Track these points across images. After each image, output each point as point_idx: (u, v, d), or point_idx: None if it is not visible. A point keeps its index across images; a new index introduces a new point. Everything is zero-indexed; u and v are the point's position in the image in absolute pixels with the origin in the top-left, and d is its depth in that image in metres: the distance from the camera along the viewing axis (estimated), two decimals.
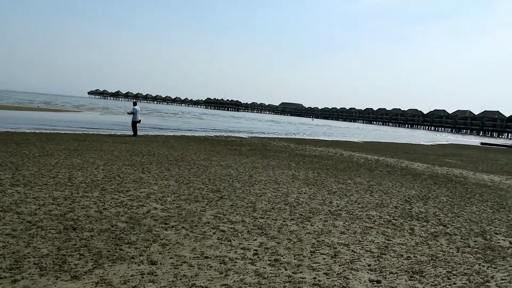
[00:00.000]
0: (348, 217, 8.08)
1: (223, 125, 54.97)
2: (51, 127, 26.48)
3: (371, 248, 6.22)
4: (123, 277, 4.42)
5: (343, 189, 11.16)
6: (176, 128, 37.38)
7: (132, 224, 6.33)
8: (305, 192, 10.21)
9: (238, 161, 15.37)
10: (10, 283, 4.07)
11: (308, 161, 17.40)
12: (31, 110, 50.76)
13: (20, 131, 20.89)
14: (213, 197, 8.69)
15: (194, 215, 7.13)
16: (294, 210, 8.23)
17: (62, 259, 4.75)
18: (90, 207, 7.06)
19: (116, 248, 5.25)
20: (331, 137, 46.13)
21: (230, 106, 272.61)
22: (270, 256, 5.46)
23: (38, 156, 12.27)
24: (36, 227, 5.80)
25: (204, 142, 22.84)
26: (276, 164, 15.33)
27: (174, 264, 4.91)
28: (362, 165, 17.69)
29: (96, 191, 8.34)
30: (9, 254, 4.77)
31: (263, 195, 9.43)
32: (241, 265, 5.05)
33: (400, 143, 45.11)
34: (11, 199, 7.13)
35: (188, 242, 5.74)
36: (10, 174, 9.23)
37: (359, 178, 13.56)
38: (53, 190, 8.06)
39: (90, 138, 19.96)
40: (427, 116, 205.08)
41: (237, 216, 7.37)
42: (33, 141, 16.24)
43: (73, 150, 14.38)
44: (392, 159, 22.16)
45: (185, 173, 11.45)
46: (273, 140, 30.55)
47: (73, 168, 10.69)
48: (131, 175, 10.47)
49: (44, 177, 9.27)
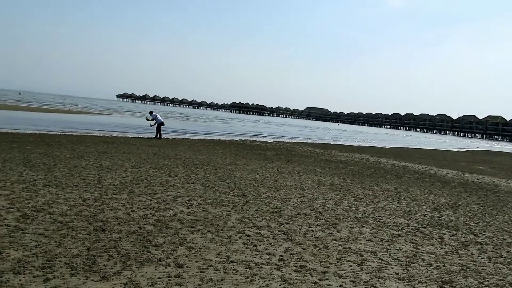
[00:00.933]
0: (375, 224, 7.96)
1: (248, 129, 55.14)
2: (81, 129, 27.17)
3: (399, 256, 6.11)
4: (151, 279, 4.49)
5: (369, 196, 11.00)
6: (202, 132, 37.72)
7: (159, 226, 6.42)
8: (331, 198, 10.12)
9: (263, 165, 15.38)
10: (43, 281, 4.19)
11: (333, 167, 17.26)
12: (62, 112, 52.22)
13: (52, 133, 21.51)
14: (238, 202, 8.72)
15: (220, 219, 7.17)
16: (320, 216, 8.17)
17: (92, 260, 4.85)
18: (119, 209, 7.20)
19: (144, 250, 5.33)
20: (357, 142, 45.60)
21: (255, 110, 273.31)
22: (295, 262, 5.43)
23: (69, 158, 12.60)
24: (67, 227, 5.96)
25: (230, 146, 22.97)
26: (301, 169, 15.26)
27: (200, 267, 4.95)
28: (389, 171, 17.42)
29: (125, 193, 8.50)
30: (42, 253, 4.91)
31: (289, 200, 9.40)
32: (266, 271, 5.04)
33: (428, 149, 44.19)
34: (44, 200, 7.34)
35: (214, 246, 5.78)
36: (42, 175, 9.51)
37: (386, 185, 13.35)
38: (83, 192, 8.26)
39: (118, 140, 20.37)
40: (456, 121, 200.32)
41: (263, 221, 7.37)
42: (64, 143, 16.70)
43: (102, 152, 14.71)
44: (420, 166, 21.72)
45: (211, 177, 11.53)
46: (298, 145, 30.43)
47: (102, 170, 10.93)
48: (158, 178, 10.62)
49: (74, 178, 9.52)
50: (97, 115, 53.80)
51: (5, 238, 5.27)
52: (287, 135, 46.69)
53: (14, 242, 5.18)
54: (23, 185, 8.35)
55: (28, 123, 28.29)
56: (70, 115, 48.25)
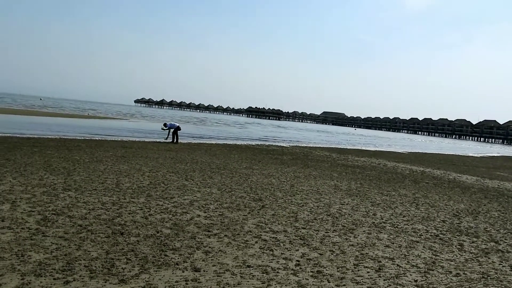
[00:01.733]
0: (393, 230, 7.87)
1: (264, 133, 55.16)
2: (100, 134, 27.58)
3: (417, 263, 6.02)
4: (168, 283, 4.52)
5: (387, 201, 10.89)
6: (218, 137, 37.89)
7: (176, 230, 6.47)
8: (347, 203, 10.05)
9: (279, 170, 15.36)
10: (63, 284, 4.26)
11: (350, 172, 17.13)
12: (82, 117, 53.11)
13: (72, 138, 21.89)
14: (255, 206, 8.72)
15: (236, 224, 7.19)
16: (337, 221, 8.12)
17: (111, 263, 4.92)
18: (137, 213, 7.28)
19: (161, 254, 5.37)
20: (374, 147, 45.19)
21: (272, 114, 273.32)
22: (312, 268, 5.40)
23: (88, 162, 12.80)
24: (86, 230, 6.05)
25: (246, 151, 23.01)
26: (317, 174, 15.19)
27: (217, 272, 4.96)
28: (407, 177, 17.20)
29: (142, 197, 8.59)
30: (62, 256, 5.00)
31: (305, 205, 9.36)
32: (283, 276, 5.03)
33: (447, 154, 43.50)
34: (64, 203, 7.47)
35: (230, 250, 5.79)
36: (62, 179, 9.68)
37: (404, 190, 13.19)
38: (102, 195, 8.38)
39: (136, 145, 20.61)
40: (476, 126, 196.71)
41: (279, 225, 7.36)
42: (83, 148, 16.98)
43: (120, 157, 14.90)
44: (438, 171, 21.40)
45: (227, 181, 11.57)
46: (315, 149, 30.30)
47: (121, 174, 11.07)
48: (175, 182, 10.71)
49: (93, 182, 9.66)
50: (115, 120, 54.54)
51: (26, 241, 5.38)
52: (303, 140, 46.55)
53: (35, 244, 5.28)
54: (43, 188, 8.52)
55: (48, 128, 28.86)
56: (89, 120, 49.04)
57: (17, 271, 4.44)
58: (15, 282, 4.19)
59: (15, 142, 16.85)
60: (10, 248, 5.07)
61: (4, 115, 40.56)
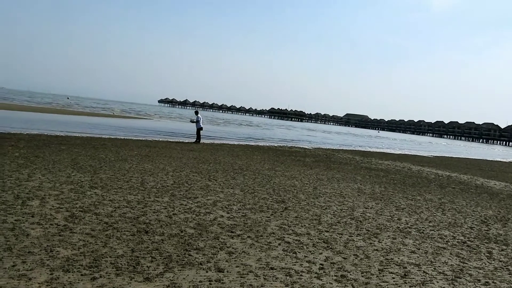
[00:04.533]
0: (419, 235, 7.71)
1: (286, 135, 55.04)
2: (125, 133, 28.03)
3: (444, 270, 5.89)
4: (192, 282, 4.55)
5: (412, 206, 10.69)
6: (241, 137, 38.00)
7: (200, 230, 6.50)
8: (371, 207, 9.92)
9: (302, 172, 15.29)
10: (90, 280, 4.34)
11: (374, 175, 16.90)
12: (107, 116, 54.11)
13: (98, 137, 22.32)
14: (277, 208, 8.70)
15: (259, 225, 7.18)
16: (361, 225, 8.01)
17: (136, 261, 4.98)
18: (161, 212, 7.36)
19: (185, 253, 5.41)
20: (398, 150, 44.49)
21: (294, 116, 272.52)
22: (336, 272, 5.35)
23: (113, 161, 13.02)
24: (112, 228, 6.15)
25: (268, 152, 22.99)
26: (341, 177, 15.05)
27: (241, 273, 4.96)
28: (432, 181, 16.86)
29: (166, 196, 8.68)
30: (89, 252, 5.09)
31: (328, 208, 9.28)
32: (306, 279, 5.00)
33: (474, 159, 42.44)
34: (90, 201, 7.62)
35: (253, 251, 5.79)
36: (89, 177, 9.88)
37: (429, 195, 12.93)
38: (127, 194, 8.51)
39: (160, 144, 20.86)
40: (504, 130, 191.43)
41: (302, 228, 7.31)
42: (109, 146, 17.28)
43: (145, 156, 15.11)
44: (465, 176, 20.90)
45: (250, 182, 11.58)
46: (337, 151, 30.04)
47: (145, 173, 11.22)
48: (198, 182, 10.78)
49: (119, 181, 9.82)
50: (140, 120, 55.37)
51: (55, 237, 5.50)
52: (326, 142, 46.23)
53: (63, 241, 5.40)
54: (71, 186, 8.70)
55: (75, 127, 29.51)
56: (115, 119, 49.91)
57: (46, 266, 4.55)
58: (44, 276, 4.29)
59: (44, 140, 17.29)
60: (39, 244, 5.20)
61: (33, 113, 41.70)
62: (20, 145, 14.73)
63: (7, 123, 25.70)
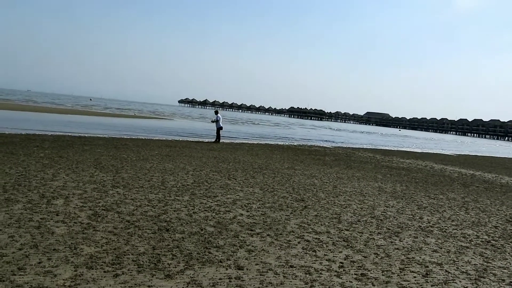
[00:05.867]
0: (441, 234, 7.59)
1: (306, 134, 54.82)
2: (146, 133, 28.41)
3: (467, 270, 5.78)
4: (212, 280, 4.59)
5: (434, 205, 10.52)
6: (260, 136, 38.04)
7: (220, 228, 6.55)
8: (392, 206, 9.81)
9: (322, 171, 15.22)
10: (112, 277, 4.42)
11: (395, 173, 16.70)
12: (129, 117, 54.93)
13: (119, 137, 22.69)
14: (297, 206, 8.69)
15: (279, 223, 7.19)
16: (381, 223, 7.94)
17: (157, 258, 5.06)
18: (181, 210, 7.44)
19: (205, 251, 5.46)
20: (420, 148, 43.81)
21: (314, 115, 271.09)
22: (356, 270, 5.31)
23: (135, 160, 13.23)
24: (134, 226, 6.25)
25: (288, 151, 22.96)
26: (361, 175, 14.92)
27: (260, 270, 4.99)
28: (455, 180, 16.55)
29: (186, 195, 8.77)
30: (111, 250, 5.19)
31: (348, 206, 9.22)
32: (326, 277, 4.98)
33: (499, 157, 41.46)
34: (112, 199, 7.76)
35: (273, 249, 5.80)
36: (111, 176, 10.06)
37: (452, 194, 12.70)
38: (148, 193, 8.63)
39: (180, 144, 21.07)
40: None
41: (322, 226, 7.29)
42: (131, 146, 17.55)
43: (165, 156, 15.29)
44: (490, 175, 20.44)
45: (270, 181, 11.59)
46: (358, 150, 29.78)
47: (166, 173, 11.35)
48: (218, 181, 10.86)
49: (140, 180, 9.97)
50: (160, 120, 56.00)
51: (79, 235, 5.63)
52: (346, 140, 45.85)
53: (86, 238, 5.52)
54: (94, 185, 8.88)
55: (98, 128, 30.05)
56: (136, 120, 50.63)
57: (70, 262, 4.66)
58: (68, 273, 4.40)
59: (68, 141, 17.67)
60: (64, 241, 5.33)
61: (57, 115, 42.66)
62: (45, 145, 15.10)
63: (32, 125, 26.37)
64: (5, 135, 17.78)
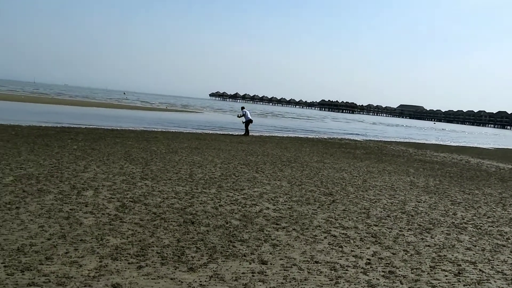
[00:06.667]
0: (475, 231, 7.28)
1: (337, 127, 54.11)
2: (176, 126, 28.75)
3: (503, 269, 5.50)
4: (235, 274, 4.55)
5: (469, 200, 10.12)
6: (290, 129, 37.82)
7: (245, 222, 6.51)
8: (424, 201, 9.49)
9: (352, 164, 14.94)
10: (136, 268, 4.45)
11: (428, 168, 16.20)
12: (160, 110, 55.80)
13: (150, 130, 23.05)
14: (325, 201, 8.54)
15: (305, 218, 7.08)
16: (412, 219, 7.68)
17: (181, 251, 5.06)
18: (207, 203, 7.45)
19: (230, 245, 5.43)
20: (456, 142, 42.44)
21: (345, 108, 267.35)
22: (384, 267, 5.15)
23: (164, 153, 13.37)
24: (160, 218, 6.29)
25: (318, 144, 22.69)
26: (392, 169, 14.55)
27: (284, 265, 4.90)
28: (492, 174, 15.90)
29: (213, 188, 8.78)
30: (137, 242, 5.23)
31: (378, 201, 8.99)
32: (352, 274, 4.85)
33: None
34: (140, 191, 7.85)
35: (298, 244, 5.70)
36: (140, 169, 10.19)
37: (488, 189, 12.18)
38: (176, 185, 8.69)
39: (209, 137, 21.18)
40: None
41: (350, 221, 7.12)
42: (161, 139, 17.78)
43: (194, 148, 15.39)
44: None
45: (298, 175, 11.46)
46: (390, 143, 29.11)
47: (194, 165, 11.41)
48: (245, 174, 10.82)
49: (168, 172, 10.05)
50: (191, 113, 56.59)
51: (106, 226, 5.71)
52: (378, 134, 44.96)
53: (113, 230, 5.59)
54: (123, 177, 9.02)
55: (130, 121, 30.65)
56: (167, 113, 51.36)
57: (96, 253, 4.73)
58: (93, 264, 4.45)
59: (100, 133, 18.08)
60: (91, 232, 5.41)
61: (90, 108, 43.82)
62: (78, 138, 15.50)
63: (68, 118, 27.16)
64: (42, 128, 18.37)
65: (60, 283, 3.96)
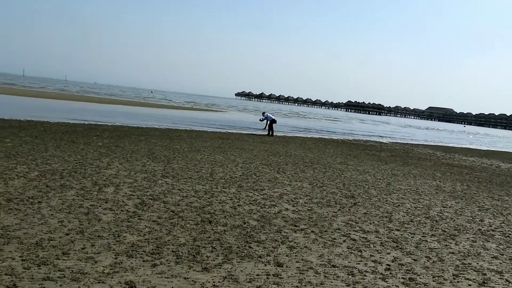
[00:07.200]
0: (503, 239, 6.98)
1: (362, 128, 53.35)
2: (201, 125, 28.92)
3: None
4: (249, 275, 4.48)
5: (498, 207, 9.75)
6: (314, 130, 37.50)
7: (263, 223, 6.43)
8: (450, 206, 9.19)
9: (376, 167, 14.65)
10: (150, 266, 4.44)
11: (456, 172, 15.73)
12: (186, 109, 56.34)
13: (175, 128, 23.26)
14: (346, 203, 8.37)
15: (325, 220, 6.95)
16: (436, 225, 7.44)
17: (196, 250, 5.03)
18: (226, 203, 7.41)
19: (246, 246, 5.36)
20: (486, 146, 41.17)
21: (372, 109, 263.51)
22: (404, 274, 4.98)
23: (186, 151, 13.44)
24: (177, 216, 6.29)
25: (342, 145, 22.40)
26: (418, 173, 14.19)
27: (300, 268, 4.80)
28: None
29: (233, 187, 8.74)
30: (153, 239, 5.24)
31: (401, 205, 8.76)
32: (370, 279, 4.70)
33: None
34: (160, 189, 7.88)
35: (316, 247, 5.59)
36: (162, 166, 10.26)
37: None
38: (196, 184, 8.69)
39: (232, 136, 21.20)
40: None
41: (371, 225, 6.95)
42: (184, 138, 17.90)
43: (217, 147, 15.42)
44: None
45: (320, 176, 11.31)
46: (417, 146, 28.47)
47: (215, 164, 11.42)
48: (266, 174, 10.75)
49: (189, 171, 10.08)
50: (216, 112, 56.91)
51: (123, 223, 5.74)
52: (404, 136, 44.09)
53: (131, 227, 5.62)
54: (144, 174, 9.09)
55: (155, 119, 31.03)
56: (193, 112, 51.79)
57: (112, 250, 4.75)
58: (109, 260, 4.47)
59: (126, 131, 18.35)
60: (109, 228, 5.45)
61: (117, 106, 44.62)
62: (104, 135, 15.77)
63: (95, 115, 27.71)
64: (69, 125, 18.79)
65: (74, 278, 3.99)
